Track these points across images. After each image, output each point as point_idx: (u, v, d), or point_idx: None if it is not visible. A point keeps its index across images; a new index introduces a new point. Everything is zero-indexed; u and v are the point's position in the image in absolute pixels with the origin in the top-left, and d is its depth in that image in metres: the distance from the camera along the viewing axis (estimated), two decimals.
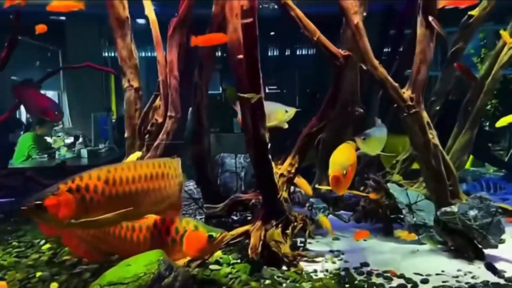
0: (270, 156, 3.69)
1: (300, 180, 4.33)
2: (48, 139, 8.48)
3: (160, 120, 3.96)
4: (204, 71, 4.37)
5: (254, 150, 3.66)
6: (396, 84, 4.04)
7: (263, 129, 3.56)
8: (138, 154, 4.07)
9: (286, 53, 11.37)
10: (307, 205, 4.31)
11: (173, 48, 3.96)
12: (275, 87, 10.89)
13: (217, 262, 3.77)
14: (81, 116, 10.00)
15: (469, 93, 4.96)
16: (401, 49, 5.84)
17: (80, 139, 8.81)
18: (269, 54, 11.31)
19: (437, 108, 4.93)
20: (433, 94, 4.92)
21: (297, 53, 11.49)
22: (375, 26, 7.22)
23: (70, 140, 8.97)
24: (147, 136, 3.99)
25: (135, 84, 4.18)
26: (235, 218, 5.00)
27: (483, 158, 7.22)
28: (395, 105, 4.06)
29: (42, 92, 6.55)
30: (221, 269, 3.67)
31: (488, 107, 7.73)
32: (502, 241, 4.02)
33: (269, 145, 3.65)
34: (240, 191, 4.81)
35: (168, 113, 3.94)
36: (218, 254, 3.97)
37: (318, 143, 5.15)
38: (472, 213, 3.89)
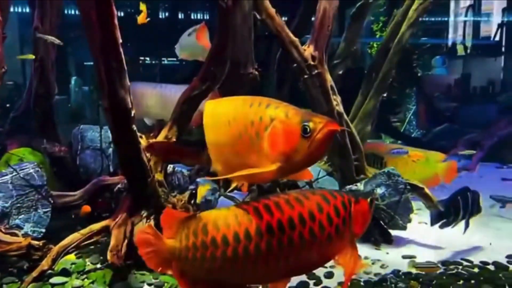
0: (134, 127, 2.75)
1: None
2: None
3: None
4: (48, 12, 3.20)
5: (112, 118, 2.69)
6: (296, 39, 3.33)
7: (123, 89, 2.60)
8: None
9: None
10: (190, 187, 3.46)
11: None
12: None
13: (64, 272, 2.80)
14: None
15: (374, 57, 4.45)
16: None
17: None
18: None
19: (340, 72, 4.35)
20: (336, 57, 4.33)
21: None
22: None
23: None
24: None
25: None
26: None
27: (382, 129, 7.03)
28: (295, 64, 3.35)
29: None
30: (67, 282, 2.71)
31: None
32: (408, 221, 3.60)
33: (133, 112, 2.71)
34: (107, 173, 3.79)
35: None
36: (70, 258, 2.99)
37: None
38: (379, 191, 3.39)
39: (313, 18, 4.71)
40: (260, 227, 1.67)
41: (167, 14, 9.93)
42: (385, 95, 7.67)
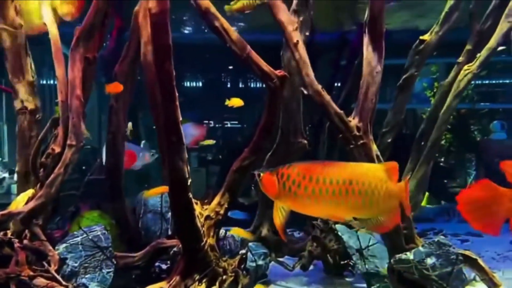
0: (190, 194, 3.02)
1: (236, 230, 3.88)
2: None
3: (57, 150, 3.23)
4: (121, 93, 3.70)
5: (170, 186, 2.98)
6: (341, 111, 3.52)
7: (181, 161, 2.91)
8: (29, 192, 3.29)
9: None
10: (240, 252, 3.61)
11: (76, 62, 3.29)
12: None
13: None
14: None
15: (422, 125, 4.53)
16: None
17: (15, 175, 8.21)
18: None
19: (389, 140, 4.44)
20: (384, 125, 4.45)
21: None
22: (328, 56, 6.89)
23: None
24: (41, 169, 3.23)
25: (30, 105, 3.46)
26: (163, 267, 4.22)
27: (439, 196, 6.84)
28: (340, 135, 3.52)
29: None
30: None
31: (443, 142, 7.44)
32: None
33: (190, 181, 2.99)
34: (165, 236, 4.05)
35: (68, 142, 3.22)
36: None
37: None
38: (429, 261, 3.33)
39: None
40: None
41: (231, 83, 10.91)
42: (442, 160, 7.56)
